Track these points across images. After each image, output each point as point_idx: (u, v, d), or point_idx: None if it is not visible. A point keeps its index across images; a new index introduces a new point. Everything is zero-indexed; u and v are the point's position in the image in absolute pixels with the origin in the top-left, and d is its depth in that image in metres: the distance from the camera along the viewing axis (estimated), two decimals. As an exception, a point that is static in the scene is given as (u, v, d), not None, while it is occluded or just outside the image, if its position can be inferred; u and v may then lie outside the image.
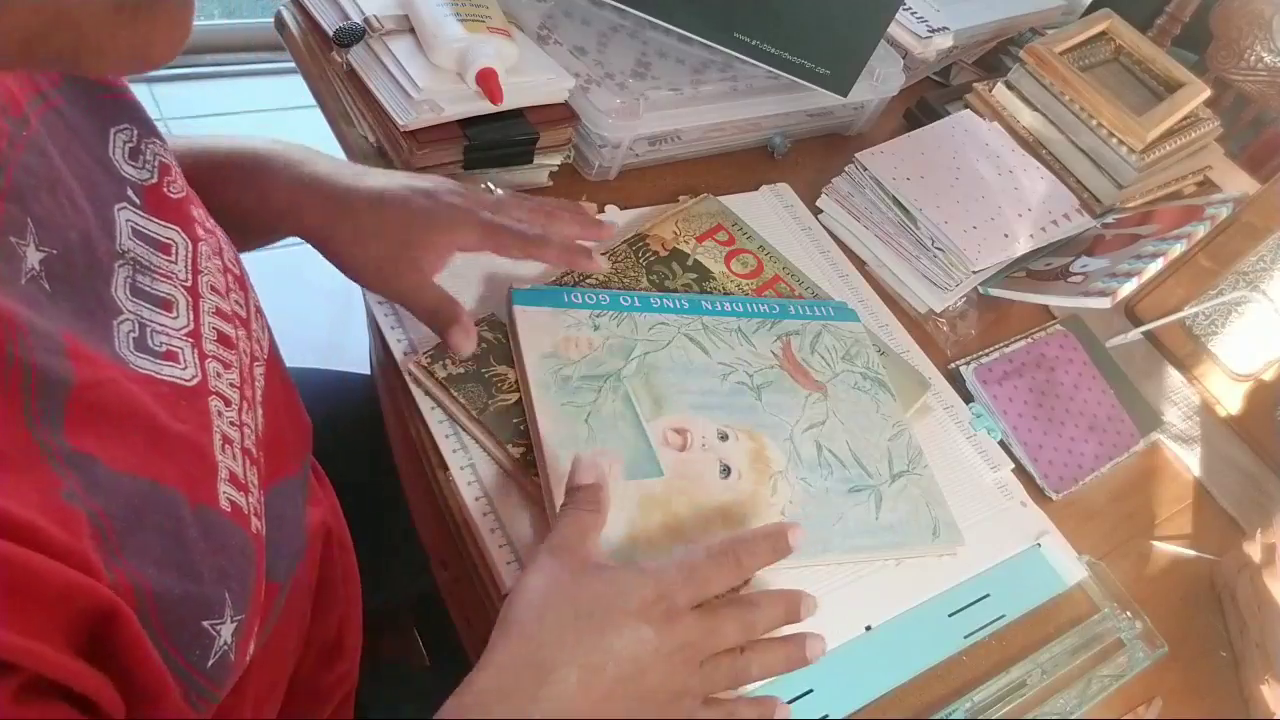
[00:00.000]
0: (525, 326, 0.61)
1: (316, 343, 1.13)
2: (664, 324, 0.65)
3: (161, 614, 0.34)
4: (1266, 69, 1.35)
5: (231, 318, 0.46)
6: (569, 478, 0.52)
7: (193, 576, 0.36)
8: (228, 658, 0.38)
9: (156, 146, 0.46)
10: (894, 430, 0.67)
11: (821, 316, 0.72)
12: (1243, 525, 0.80)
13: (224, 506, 0.40)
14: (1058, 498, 0.73)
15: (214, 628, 0.37)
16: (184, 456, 0.39)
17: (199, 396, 0.41)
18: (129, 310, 0.40)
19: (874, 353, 0.72)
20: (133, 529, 0.34)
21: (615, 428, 0.58)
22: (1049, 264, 0.85)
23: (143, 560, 0.34)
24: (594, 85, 0.73)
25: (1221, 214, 0.84)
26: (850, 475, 0.63)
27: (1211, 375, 0.88)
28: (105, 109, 0.44)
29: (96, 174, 0.42)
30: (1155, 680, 0.67)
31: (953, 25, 0.98)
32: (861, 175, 0.81)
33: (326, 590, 0.60)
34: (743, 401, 0.63)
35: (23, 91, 0.39)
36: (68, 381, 0.34)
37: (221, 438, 0.42)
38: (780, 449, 0.62)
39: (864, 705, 0.57)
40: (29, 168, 0.37)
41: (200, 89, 1.99)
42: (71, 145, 0.41)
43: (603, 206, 0.76)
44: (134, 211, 0.43)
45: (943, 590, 0.63)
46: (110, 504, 0.34)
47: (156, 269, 0.43)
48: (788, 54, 0.79)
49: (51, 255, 0.36)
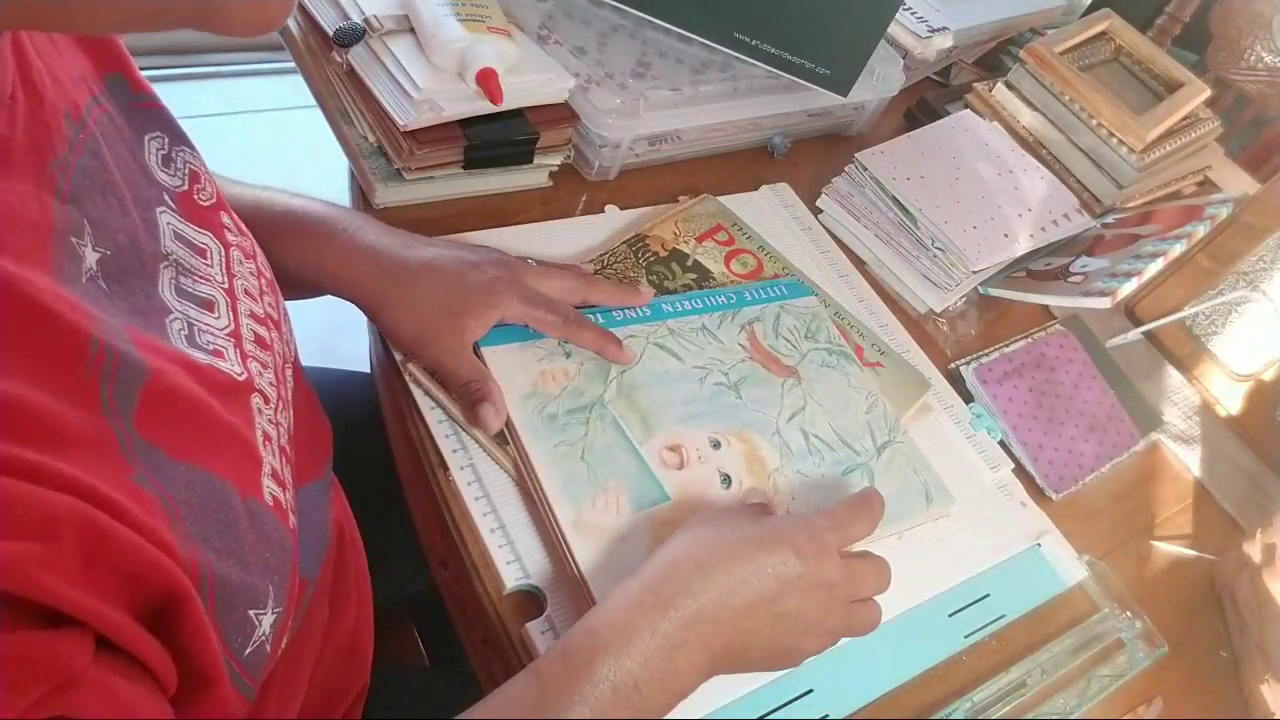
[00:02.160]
0: (499, 369, 0.59)
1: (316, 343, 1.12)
2: (632, 336, 0.64)
3: (218, 598, 0.35)
4: (1266, 69, 1.35)
5: (265, 320, 0.48)
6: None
7: (244, 565, 0.37)
8: (263, 648, 0.38)
9: (187, 154, 0.47)
10: (869, 402, 0.68)
11: (776, 297, 0.72)
12: (1243, 525, 0.80)
13: (268, 500, 0.41)
14: (1058, 498, 0.73)
15: (257, 617, 0.38)
16: (234, 449, 0.40)
17: (244, 393, 0.43)
18: (177, 310, 0.41)
19: (831, 325, 0.72)
20: (196, 515, 0.35)
21: (612, 459, 0.58)
22: (1049, 264, 0.85)
23: (205, 546, 0.35)
24: (594, 85, 0.73)
25: (1221, 214, 0.84)
26: (840, 457, 0.64)
27: (1211, 375, 0.88)
28: (139, 117, 0.45)
29: (139, 178, 0.43)
30: (1155, 680, 0.67)
31: (953, 25, 0.98)
32: (861, 175, 0.81)
33: (342, 589, 0.60)
34: (726, 403, 0.63)
35: (80, 96, 0.40)
36: (144, 370, 0.35)
37: (262, 434, 0.43)
38: (771, 445, 0.62)
39: (864, 705, 0.57)
40: (85, 170, 0.38)
41: (200, 89, 1.99)
42: (118, 149, 0.42)
43: (603, 206, 0.76)
44: (173, 215, 0.44)
45: (943, 590, 0.63)
46: (175, 490, 0.35)
47: (197, 271, 0.44)
48: (788, 54, 0.78)
49: (106, 256, 0.38)
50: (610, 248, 0.71)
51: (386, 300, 0.58)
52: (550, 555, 0.55)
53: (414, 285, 0.57)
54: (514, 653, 0.52)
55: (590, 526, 0.55)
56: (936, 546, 0.65)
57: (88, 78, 0.42)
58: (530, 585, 0.54)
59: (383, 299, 0.58)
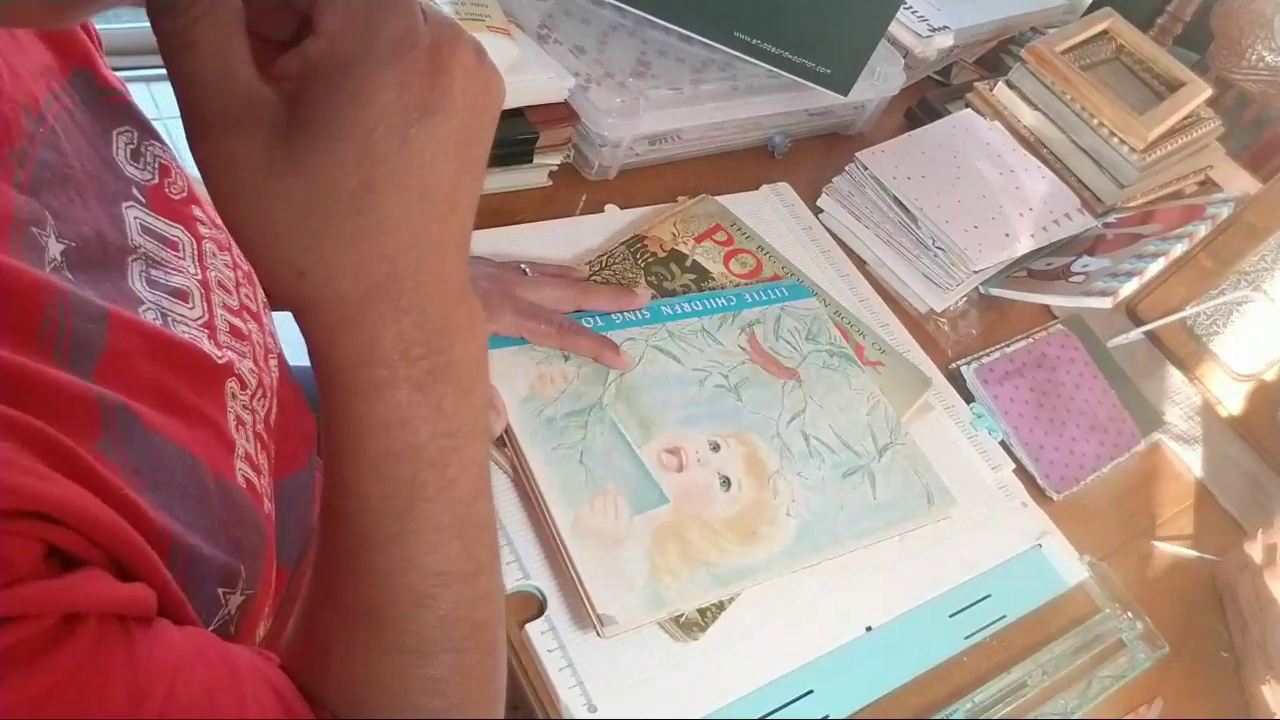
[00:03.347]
0: (497, 372, 0.59)
1: (316, 342, 1.13)
2: (631, 339, 0.64)
3: (187, 570, 0.34)
4: (1268, 68, 1.35)
5: (240, 311, 0.47)
6: None
7: (214, 541, 0.37)
8: (227, 629, 0.38)
9: (156, 148, 0.47)
10: (870, 404, 0.68)
11: (777, 299, 0.72)
12: (1244, 525, 0.80)
13: (240, 482, 0.40)
14: (1059, 498, 0.73)
15: (224, 596, 0.37)
16: (203, 429, 0.39)
17: (221, 375, 0.42)
18: (149, 300, 0.41)
19: (833, 327, 0.72)
20: (160, 487, 0.35)
21: (611, 462, 0.58)
22: (1050, 264, 0.85)
23: (171, 517, 0.34)
24: (594, 84, 0.73)
25: (1222, 213, 0.84)
26: (841, 459, 0.64)
27: (1213, 375, 0.88)
28: (107, 112, 0.45)
29: (103, 173, 0.42)
30: (1156, 681, 0.66)
31: (953, 24, 0.98)
32: (862, 175, 0.81)
33: None
34: (725, 405, 0.63)
35: (40, 91, 0.40)
36: (98, 347, 0.35)
37: (235, 418, 0.42)
38: (771, 447, 0.62)
39: (864, 705, 0.57)
40: (45, 163, 0.38)
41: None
42: (80, 144, 0.42)
43: (602, 206, 0.76)
44: (141, 209, 0.44)
45: (943, 590, 0.63)
46: (142, 461, 0.34)
47: (168, 263, 0.43)
48: (788, 53, 0.78)
49: (70, 248, 0.37)
50: (609, 249, 0.71)
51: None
52: (549, 557, 0.55)
53: None
54: (514, 653, 0.52)
55: (588, 529, 0.55)
56: (937, 547, 0.64)
57: (50, 74, 0.42)
58: (530, 586, 0.54)
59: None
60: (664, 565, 0.55)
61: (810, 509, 0.60)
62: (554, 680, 0.51)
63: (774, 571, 0.57)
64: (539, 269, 0.65)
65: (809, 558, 0.58)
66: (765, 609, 0.57)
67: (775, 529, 0.59)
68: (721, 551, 0.56)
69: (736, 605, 0.56)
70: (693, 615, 0.55)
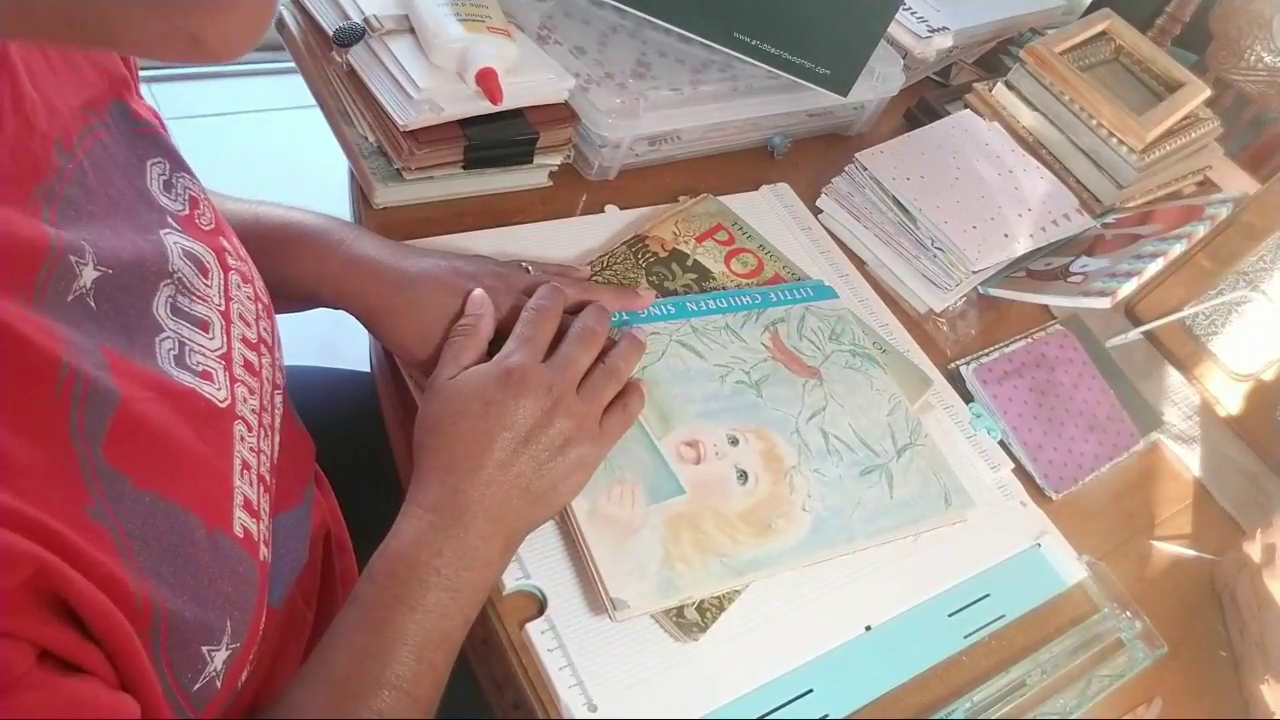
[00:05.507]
0: None
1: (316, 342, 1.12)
2: (655, 334, 0.64)
3: (170, 634, 0.35)
4: (1266, 69, 1.35)
5: (256, 345, 0.48)
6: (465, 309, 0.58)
7: (200, 600, 0.37)
8: (214, 684, 0.38)
9: (187, 180, 0.48)
10: (891, 404, 0.68)
11: (802, 299, 0.72)
12: (1243, 525, 0.80)
13: (237, 533, 0.41)
14: (1058, 497, 0.73)
15: (209, 653, 0.37)
16: (205, 480, 0.40)
17: (226, 419, 0.43)
18: (169, 328, 0.41)
19: (858, 327, 0.72)
20: (150, 549, 0.35)
21: (630, 452, 0.58)
22: (1049, 264, 0.85)
23: (158, 580, 0.35)
24: (594, 85, 0.73)
25: (1221, 214, 0.84)
26: (859, 458, 0.64)
27: (1211, 375, 0.88)
28: (142, 143, 0.46)
29: (137, 203, 0.44)
30: (1155, 680, 0.67)
31: (953, 25, 0.98)
32: (861, 175, 0.81)
33: (327, 592, 0.60)
34: (745, 401, 0.63)
35: (76, 126, 0.41)
36: (116, 396, 0.35)
37: (241, 463, 0.43)
38: (789, 443, 0.62)
39: (864, 705, 0.57)
40: (73, 200, 0.39)
41: (200, 88, 1.99)
42: (114, 175, 0.43)
43: (602, 206, 0.76)
44: (179, 234, 0.45)
45: (943, 590, 0.63)
46: (131, 523, 0.34)
47: (195, 291, 0.44)
48: (788, 54, 0.78)
49: (106, 274, 0.38)
50: (610, 249, 0.71)
51: (388, 308, 0.58)
52: (549, 556, 0.55)
53: (414, 293, 0.58)
54: (514, 653, 0.52)
55: (605, 517, 0.55)
56: (936, 546, 0.65)
57: (93, 104, 0.43)
58: (530, 586, 0.54)
59: (384, 307, 0.58)
60: (678, 554, 0.55)
61: (826, 505, 0.60)
62: (554, 680, 0.51)
63: (787, 564, 0.58)
64: (541, 268, 0.66)
65: (822, 553, 0.59)
66: (765, 609, 0.57)
67: (790, 523, 0.59)
68: (735, 543, 0.57)
69: (736, 605, 0.56)
70: (693, 615, 0.55)
